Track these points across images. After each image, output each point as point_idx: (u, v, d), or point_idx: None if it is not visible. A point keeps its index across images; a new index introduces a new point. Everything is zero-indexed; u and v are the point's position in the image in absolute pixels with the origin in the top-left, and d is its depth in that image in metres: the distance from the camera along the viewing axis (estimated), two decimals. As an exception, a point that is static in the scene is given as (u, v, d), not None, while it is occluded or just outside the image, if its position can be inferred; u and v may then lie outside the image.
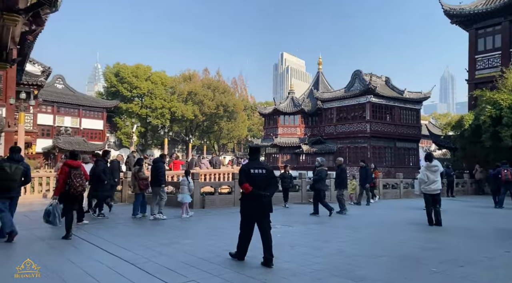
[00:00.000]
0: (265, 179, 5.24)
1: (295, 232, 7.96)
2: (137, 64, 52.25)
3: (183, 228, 8.59)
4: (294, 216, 10.56)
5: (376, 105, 31.93)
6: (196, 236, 7.54)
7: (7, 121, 17.86)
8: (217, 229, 8.23)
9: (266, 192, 5.17)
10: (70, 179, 6.84)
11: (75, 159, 7.24)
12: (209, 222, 9.41)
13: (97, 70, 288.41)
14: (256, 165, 5.37)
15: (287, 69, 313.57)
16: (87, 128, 46.47)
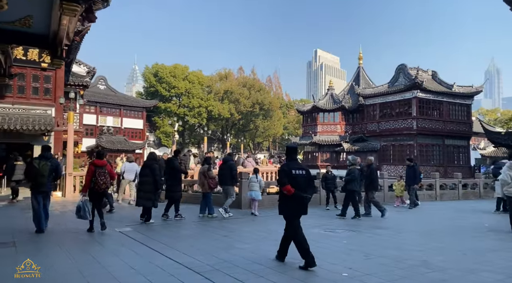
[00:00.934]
0: (306, 180, 5.14)
1: (360, 238, 7.27)
2: (175, 64, 52.98)
3: (237, 230, 8.12)
4: (348, 220, 9.81)
5: (423, 100, 30.19)
6: (253, 240, 7.04)
7: (56, 120, 18.31)
8: (272, 233, 7.68)
9: (307, 194, 5.10)
10: (95, 177, 7.45)
11: (101, 159, 7.80)
12: (262, 224, 8.90)
13: (134, 71, 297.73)
14: (297, 165, 5.25)
15: (321, 66, 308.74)
16: (128, 127, 47.62)
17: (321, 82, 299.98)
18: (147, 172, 8.87)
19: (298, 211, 5.11)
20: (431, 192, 14.98)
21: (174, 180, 9.33)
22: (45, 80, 18.66)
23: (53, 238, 7.08)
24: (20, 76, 18.02)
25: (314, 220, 9.06)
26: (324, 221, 9.35)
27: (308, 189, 5.17)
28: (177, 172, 9.41)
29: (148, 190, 8.70)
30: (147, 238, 7.06)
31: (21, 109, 17.78)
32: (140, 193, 8.94)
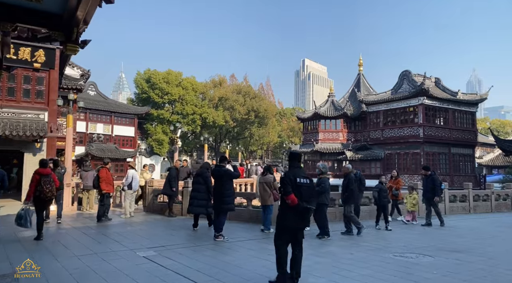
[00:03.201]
0: (310, 190, 4.80)
1: (450, 267, 5.95)
2: (168, 70, 51.46)
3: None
4: (410, 241, 8.54)
5: (429, 107, 29.51)
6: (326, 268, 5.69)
7: (50, 125, 16.67)
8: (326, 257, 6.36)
9: (310, 204, 4.72)
10: (40, 185, 7.61)
11: (44, 168, 7.92)
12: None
13: (121, 79, 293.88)
14: (302, 173, 4.91)
15: (309, 76, 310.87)
16: (119, 135, 45.79)
17: (309, 91, 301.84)
18: (200, 180, 8.91)
19: (298, 223, 4.76)
20: (464, 204, 13.84)
21: (224, 189, 7.97)
22: (38, 82, 17.04)
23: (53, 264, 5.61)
24: (10, 77, 16.38)
25: (366, 241, 7.76)
26: (382, 242, 8.08)
27: (312, 200, 4.79)
28: (228, 180, 8.09)
29: (202, 197, 8.82)
30: (185, 267, 5.64)
31: (10, 113, 16.09)
32: (193, 200, 8.92)
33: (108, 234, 8.64)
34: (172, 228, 9.54)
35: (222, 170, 8.08)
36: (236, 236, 8.19)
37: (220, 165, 8.27)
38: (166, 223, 10.33)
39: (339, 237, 8.57)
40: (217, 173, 8.03)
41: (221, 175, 7.98)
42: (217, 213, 7.96)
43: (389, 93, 32.52)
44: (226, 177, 8.00)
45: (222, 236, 7.79)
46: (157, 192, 12.51)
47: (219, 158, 8.66)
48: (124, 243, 7.46)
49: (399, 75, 32.46)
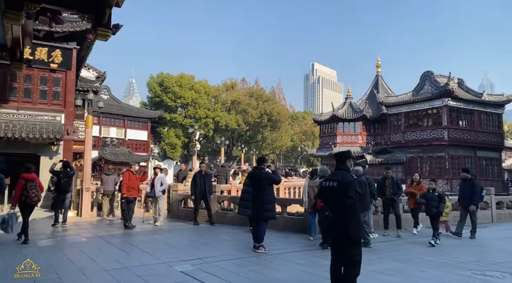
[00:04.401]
0: (333, 194, 4.16)
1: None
2: (181, 73, 51.11)
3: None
4: (476, 254, 7.58)
5: (454, 109, 28.36)
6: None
7: (66, 128, 16.09)
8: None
9: (332, 212, 4.13)
10: (26, 190, 7.65)
11: (29, 173, 7.91)
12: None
13: (131, 84, 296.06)
14: (332, 176, 4.35)
15: (318, 80, 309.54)
16: (132, 139, 45.42)
17: (318, 95, 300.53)
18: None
19: (329, 233, 4.29)
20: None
21: (265, 195, 7.14)
22: (54, 82, 16.49)
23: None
24: (27, 78, 15.86)
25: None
26: (447, 256, 7.16)
27: (335, 206, 4.10)
28: (268, 184, 7.25)
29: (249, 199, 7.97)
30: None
31: (26, 115, 15.54)
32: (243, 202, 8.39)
33: (135, 243, 7.88)
34: (203, 236, 8.73)
35: (263, 173, 7.25)
36: (276, 247, 7.32)
37: (259, 168, 7.43)
38: (194, 231, 9.55)
39: (382, 247, 7.68)
40: (256, 177, 7.20)
41: (261, 178, 7.15)
42: (257, 221, 7.13)
43: (410, 94, 31.43)
44: (266, 181, 7.17)
45: (263, 247, 6.95)
46: (181, 197, 11.74)
47: (258, 159, 7.69)
48: (155, 254, 6.68)
49: (420, 76, 31.38)
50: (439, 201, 8.54)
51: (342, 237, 4.10)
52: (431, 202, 8.65)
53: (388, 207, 9.56)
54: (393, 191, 9.52)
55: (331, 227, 4.19)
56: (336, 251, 4.20)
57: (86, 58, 19.38)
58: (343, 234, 4.08)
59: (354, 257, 4.07)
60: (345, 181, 4.11)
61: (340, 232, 4.09)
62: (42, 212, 13.99)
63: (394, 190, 9.55)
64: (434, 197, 8.64)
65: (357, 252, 4.10)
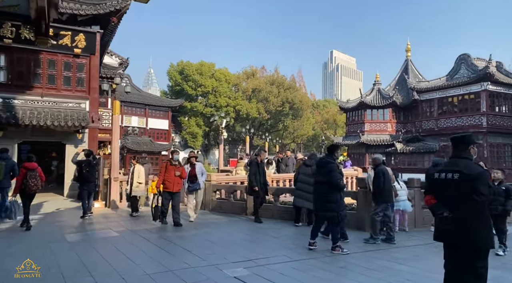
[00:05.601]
0: (454, 189, 3.23)
1: None
2: (201, 61, 50.31)
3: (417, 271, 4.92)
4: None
5: (493, 94, 26.57)
6: None
7: (91, 115, 15.50)
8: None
9: (452, 212, 3.20)
10: (26, 179, 7.87)
11: (30, 162, 8.16)
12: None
13: (150, 75, 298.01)
14: (448, 166, 3.39)
15: (337, 67, 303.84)
16: (153, 128, 45.19)
17: (337, 83, 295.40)
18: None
19: (440, 237, 3.35)
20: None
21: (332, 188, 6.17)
22: (78, 68, 15.87)
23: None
24: (50, 63, 15.28)
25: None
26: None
27: (456, 205, 3.21)
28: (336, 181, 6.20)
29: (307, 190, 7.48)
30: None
31: (51, 102, 15.00)
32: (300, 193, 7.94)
33: (173, 240, 7.11)
34: (244, 232, 7.91)
35: (333, 165, 6.26)
36: (326, 247, 6.40)
37: (329, 156, 6.42)
38: (233, 226, 8.72)
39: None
40: (328, 168, 6.18)
41: (331, 170, 6.14)
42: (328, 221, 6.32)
43: (444, 79, 29.68)
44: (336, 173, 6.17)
45: (340, 248, 6.02)
46: (215, 188, 10.95)
47: (328, 147, 6.62)
48: (199, 254, 5.88)
49: (455, 60, 29.54)
50: (507, 197, 6.83)
51: (466, 244, 3.15)
52: (496, 198, 6.88)
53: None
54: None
55: (449, 231, 3.23)
56: (454, 260, 3.25)
57: (109, 43, 18.71)
58: (467, 241, 3.13)
59: (478, 269, 3.12)
60: (472, 173, 3.17)
61: (463, 238, 3.14)
62: (68, 202, 13.52)
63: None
64: (500, 191, 6.88)
65: (483, 265, 3.14)
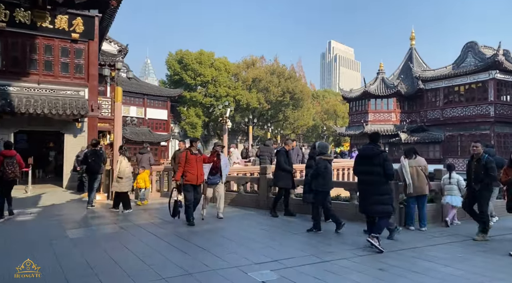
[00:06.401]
0: None
1: None
2: (200, 50, 49.30)
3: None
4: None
5: (502, 82, 25.98)
6: None
7: (90, 104, 14.83)
8: None
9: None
10: (3, 166, 7.74)
11: (8, 149, 8.08)
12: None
13: (147, 65, 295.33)
14: None
15: (335, 58, 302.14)
16: (152, 118, 44.48)
17: (335, 73, 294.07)
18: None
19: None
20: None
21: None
22: (76, 54, 15.12)
23: None
24: (47, 49, 14.53)
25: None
26: None
27: None
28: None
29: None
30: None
31: (48, 90, 14.31)
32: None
33: (185, 236, 6.55)
34: (262, 227, 7.33)
35: (383, 154, 5.82)
36: (336, 247, 5.86)
37: (375, 145, 5.91)
38: (248, 219, 8.17)
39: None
40: (383, 157, 5.75)
41: (386, 159, 5.73)
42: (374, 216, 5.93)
43: (450, 68, 29.02)
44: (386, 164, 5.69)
45: (378, 241, 5.43)
46: (225, 180, 10.37)
47: (370, 135, 6.08)
48: (216, 253, 5.32)
49: (462, 48, 28.80)
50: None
51: None
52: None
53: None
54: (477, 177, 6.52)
55: None
56: None
57: (108, 29, 17.89)
58: None
59: None
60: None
61: None
62: (68, 194, 12.96)
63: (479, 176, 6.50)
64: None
65: None
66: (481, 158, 6.47)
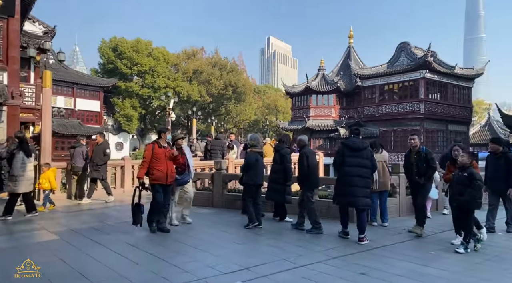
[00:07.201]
0: None
1: None
2: (137, 38, 46.44)
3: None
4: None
5: (430, 81, 28.03)
6: None
7: (11, 90, 12.86)
8: None
9: None
10: None
11: None
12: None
13: (75, 53, 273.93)
14: None
15: (274, 54, 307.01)
16: (83, 110, 41.16)
17: (274, 69, 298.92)
18: (276, 158, 6.97)
19: None
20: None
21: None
22: (-8, 32, 12.99)
23: None
24: (-47, 23, 12.26)
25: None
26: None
27: None
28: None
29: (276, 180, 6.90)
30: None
31: (-45, 72, 12.10)
32: (270, 184, 7.03)
33: (136, 243, 5.67)
34: (223, 229, 6.54)
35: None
36: (335, 241, 5.54)
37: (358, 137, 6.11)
38: (205, 221, 7.37)
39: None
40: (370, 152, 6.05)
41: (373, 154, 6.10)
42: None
43: (385, 66, 30.64)
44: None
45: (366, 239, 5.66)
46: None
47: (352, 129, 6.19)
48: (179, 263, 4.60)
49: (396, 47, 30.57)
50: (467, 185, 5.41)
51: None
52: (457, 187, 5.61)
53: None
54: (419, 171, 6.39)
55: None
56: None
57: (32, 6, 15.69)
58: None
59: None
60: None
61: None
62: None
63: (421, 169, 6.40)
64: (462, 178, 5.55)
65: None
66: (420, 150, 6.41)
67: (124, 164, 11.21)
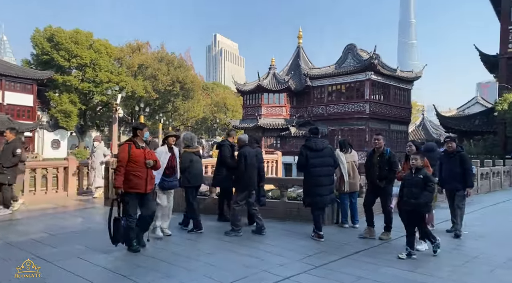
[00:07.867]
0: None
1: None
2: (76, 29, 43.17)
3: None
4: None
5: (375, 83, 29.36)
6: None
7: None
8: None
9: None
10: None
11: None
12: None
13: (3, 42, 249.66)
14: None
15: (221, 52, 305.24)
16: (12, 104, 37.59)
17: (221, 67, 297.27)
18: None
19: None
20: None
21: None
22: None
23: None
24: None
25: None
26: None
27: None
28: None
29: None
30: None
31: None
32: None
33: (90, 259, 4.94)
34: (190, 238, 5.90)
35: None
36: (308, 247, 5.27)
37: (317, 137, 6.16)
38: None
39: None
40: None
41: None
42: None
43: (333, 67, 31.56)
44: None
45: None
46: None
47: (311, 130, 6.13)
48: (147, 281, 4.01)
49: (343, 49, 31.59)
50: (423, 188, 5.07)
51: None
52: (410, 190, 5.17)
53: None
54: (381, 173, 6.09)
55: None
56: None
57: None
58: None
59: None
60: None
61: None
62: None
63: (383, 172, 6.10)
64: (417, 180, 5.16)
65: None
66: (384, 152, 6.10)
67: (68, 165, 10.09)
